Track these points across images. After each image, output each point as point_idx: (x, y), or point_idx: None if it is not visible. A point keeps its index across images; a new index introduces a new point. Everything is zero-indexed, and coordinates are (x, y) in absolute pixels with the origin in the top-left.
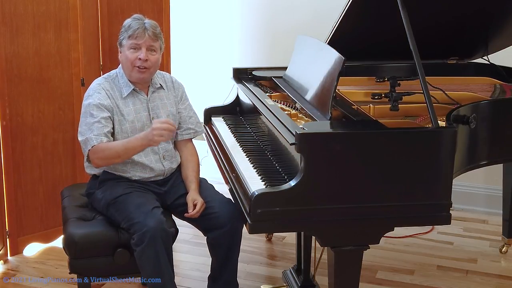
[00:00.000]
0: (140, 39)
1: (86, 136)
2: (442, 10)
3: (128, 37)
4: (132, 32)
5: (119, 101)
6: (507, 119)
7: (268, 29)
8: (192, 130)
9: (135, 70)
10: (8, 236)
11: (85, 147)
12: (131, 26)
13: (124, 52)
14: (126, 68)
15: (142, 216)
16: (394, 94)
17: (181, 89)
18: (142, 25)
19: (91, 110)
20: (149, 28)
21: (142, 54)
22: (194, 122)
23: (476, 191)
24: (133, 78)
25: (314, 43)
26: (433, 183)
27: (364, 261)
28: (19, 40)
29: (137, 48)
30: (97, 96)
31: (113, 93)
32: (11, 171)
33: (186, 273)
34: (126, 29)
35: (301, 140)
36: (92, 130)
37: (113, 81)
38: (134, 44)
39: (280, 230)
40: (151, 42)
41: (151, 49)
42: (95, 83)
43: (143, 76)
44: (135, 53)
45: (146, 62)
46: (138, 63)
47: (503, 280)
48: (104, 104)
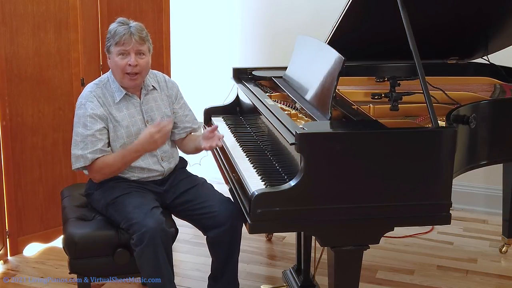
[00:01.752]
0: (128, 45)
1: (79, 153)
2: (442, 10)
3: (115, 44)
4: (118, 38)
5: (112, 107)
6: (507, 119)
7: (268, 29)
8: (188, 129)
9: (126, 78)
10: (8, 236)
11: (76, 163)
12: (117, 32)
13: (113, 58)
14: (117, 75)
15: (141, 216)
16: (394, 94)
17: (175, 88)
18: (128, 30)
19: (85, 121)
20: (135, 33)
21: (132, 60)
22: (191, 120)
23: (476, 191)
24: (125, 85)
25: (314, 43)
26: (433, 183)
27: (364, 261)
28: (19, 40)
29: (125, 54)
30: (90, 106)
31: (105, 99)
32: (11, 171)
33: (186, 273)
34: (112, 36)
35: (301, 140)
36: (86, 145)
37: (105, 87)
38: (122, 50)
39: (280, 230)
40: (138, 47)
41: (140, 53)
42: (87, 90)
43: (135, 83)
44: (124, 59)
45: (136, 67)
46: (129, 69)
47: (503, 280)
48: (98, 114)
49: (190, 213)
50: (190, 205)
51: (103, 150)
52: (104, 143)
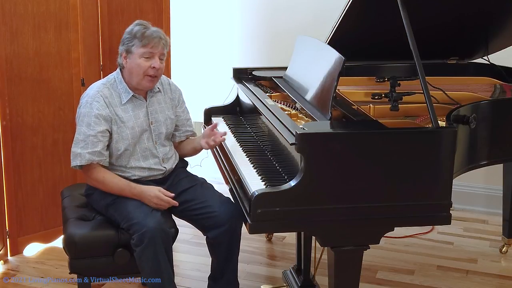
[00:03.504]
0: (156, 48)
1: (78, 152)
2: (442, 10)
3: (142, 46)
4: (148, 41)
5: (118, 108)
6: (507, 119)
7: (268, 29)
8: (189, 132)
9: (146, 79)
10: (8, 236)
11: (74, 160)
12: (146, 35)
13: (134, 60)
14: (136, 76)
15: (142, 216)
16: (394, 94)
17: (178, 92)
18: (158, 34)
19: (89, 121)
20: (163, 37)
21: (157, 63)
22: (191, 125)
23: (476, 191)
24: (141, 86)
25: (314, 43)
26: (433, 183)
27: (364, 261)
28: (19, 40)
29: (150, 57)
30: (96, 106)
31: (112, 100)
32: (11, 171)
33: (186, 273)
34: (139, 37)
35: (301, 140)
36: (86, 144)
37: (112, 87)
38: (149, 52)
39: (280, 230)
40: (163, 51)
41: (161, 58)
42: (94, 89)
43: (152, 85)
44: (148, 62)
45: (158, 71)
46: (151, 72)
47: (503, 280)
48: (103, 115)
49: (190, 213)
50: (190, 205)
51: (101, 153)
52: (104, 145)
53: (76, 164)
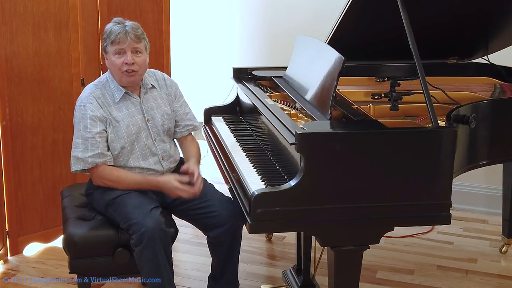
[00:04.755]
0: (123, 44)
1: (80, 156)
2: (442, 10)
3: (111, 43)
4: (114, 37)
5: (111, 107)
6: (507, 119)
7: (268, 29)
8: (190, 126)
9: (124, 76)
10: (8, 236)
11: (74, 165)
12: (112, 31)
13: (110, 58)
14: (115, 74)
15: (141, 216)
16: (394, 94)
17: (174, 87)
18: (123, 29)
19: (85, 123)
20: (130, 31)
21: (128, 58)
22: (191, 118)
23: (476, 191)
24: (123, 83)
25: (314, 43)
26: (433, 183)
27: (364, 261)
28: (19, 40)
29: (121, 53)
30: (90, 107)
31: (105, 100)
32: (11, 171)
33: (186, 273)
34: (108, 35)
35: (301, 140)
36: (86, 147)
37: (104, 87)
38: (118, 49)
39: (280, 230)
40: (134, 45)
41: (136, 51)
42: (87, 91)
43: (132, 79)
44: (120, 58)
45: (133, 65)
46: (125, 67)
47: (503, 280)
48: (98, 116)
49: (190, 213)
50: (190, 205)
51: (103, 154)
52: (104, 146)
53: (78, 169)
